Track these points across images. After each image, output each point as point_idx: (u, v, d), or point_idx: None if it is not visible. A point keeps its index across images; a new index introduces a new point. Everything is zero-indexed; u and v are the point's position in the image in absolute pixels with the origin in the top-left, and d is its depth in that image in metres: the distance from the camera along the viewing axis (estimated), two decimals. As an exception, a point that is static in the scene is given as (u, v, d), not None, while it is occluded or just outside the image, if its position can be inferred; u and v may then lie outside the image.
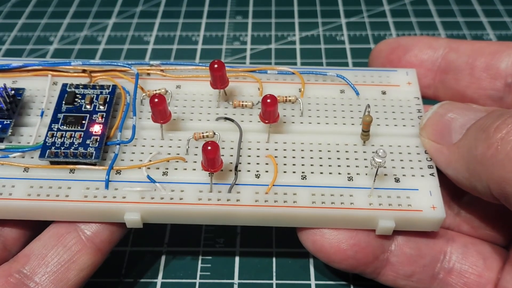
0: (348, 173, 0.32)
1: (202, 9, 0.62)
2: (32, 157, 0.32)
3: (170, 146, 0.33)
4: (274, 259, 0.37)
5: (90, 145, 0.32)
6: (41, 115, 0.34)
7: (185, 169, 0.32)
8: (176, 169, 0.32)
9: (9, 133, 0.33)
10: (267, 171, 0.32)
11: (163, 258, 0.37)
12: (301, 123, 0.34)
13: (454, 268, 0.32)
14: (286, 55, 0.55)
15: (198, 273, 0.36)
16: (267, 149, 0.33)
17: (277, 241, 0.38)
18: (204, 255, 0.37)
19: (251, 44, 0.57)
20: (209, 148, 0.28)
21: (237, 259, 0.37)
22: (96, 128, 0.32)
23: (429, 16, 0.60)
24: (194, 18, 0.61)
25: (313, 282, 0.36)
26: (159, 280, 0.36)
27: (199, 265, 0.37)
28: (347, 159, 0.32)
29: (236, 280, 0.36)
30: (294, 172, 0.32)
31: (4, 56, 0.55)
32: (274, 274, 0.36)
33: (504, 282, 0.30)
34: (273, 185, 0.31)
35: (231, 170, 0.32)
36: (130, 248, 0.38)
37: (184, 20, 0.61)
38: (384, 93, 0.36)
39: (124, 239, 0.35)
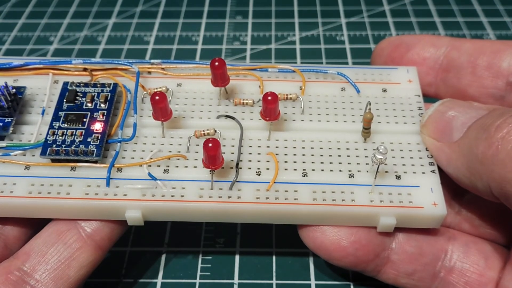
0: (349, 170, 0.32)
1: (202, 9, 0.62)
2: (34, 155, 0.32)
3: (171, 144, 0.33)
4: (274, 259, 0.37)
5: (91, 143, 0.32)
6: (42, 113, 0.34)
7: (186, 166, 0.32)
8: (177, 166, 0.32)
9: (11, 131, 0.33)
10: (268, 169, 0.32)
11: (163, 258, 0.37)
12: (302, 120, 0.34)
13: (455, 267, 0.32)
14: (286, 55, 0.55)
15: (198, 273, 0.36)
16: (268, 147, 0.33)
17: (277, 241, 0.38)
18: (204, 255, 0.37)
19: (251, 44, 0.56)
20: (210, 145, 0.28)
21: (237, 259, 0.37)
22: (97, 126, 0.32)
23: (429, 16, 0.60)
24: (194, 18, 0.61)
25: (313, 282, 0.36)
26: (159, 280, 0.36)
27: (199, 265, 0.37)
28: (348, 156, 0.32)
29: (236, 280, 0.36)
30: (295, 169, 0.32)
31: (4, 56, 0.55)
32: (274, 274, 0.36)
33: (505, 282, 0.30)
34: (274, 183, 0.31)
35: (232, 168, 0.32)
36: (130, 248, 0.38)
37: (184, 20, 0.61)
38: (384, 90, 0.36)
39: (124, 239, 0.35)
